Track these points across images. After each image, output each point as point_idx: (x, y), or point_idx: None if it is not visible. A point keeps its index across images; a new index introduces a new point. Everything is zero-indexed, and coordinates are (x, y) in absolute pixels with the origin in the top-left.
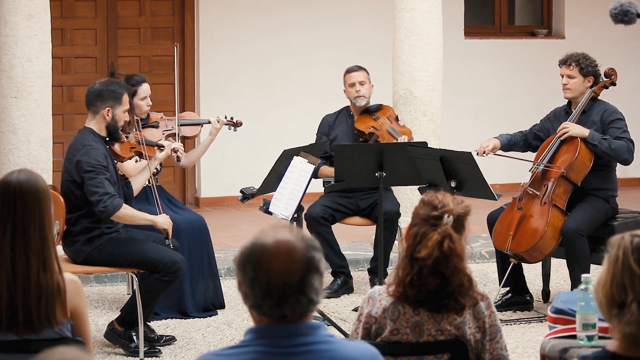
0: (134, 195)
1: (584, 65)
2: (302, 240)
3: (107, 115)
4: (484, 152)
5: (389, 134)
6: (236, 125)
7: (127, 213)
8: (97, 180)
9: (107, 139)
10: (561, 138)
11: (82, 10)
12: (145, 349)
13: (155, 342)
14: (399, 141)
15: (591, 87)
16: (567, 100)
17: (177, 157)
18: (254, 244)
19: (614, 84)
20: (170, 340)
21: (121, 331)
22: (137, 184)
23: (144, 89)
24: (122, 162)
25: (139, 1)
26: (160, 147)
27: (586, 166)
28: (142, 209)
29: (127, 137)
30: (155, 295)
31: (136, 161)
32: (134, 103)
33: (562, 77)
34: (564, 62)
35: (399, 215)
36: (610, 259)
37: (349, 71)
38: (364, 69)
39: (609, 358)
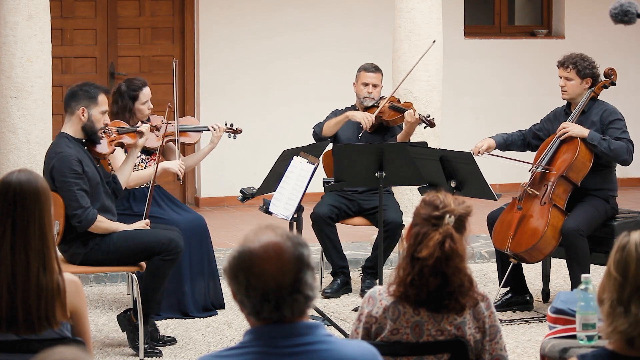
0: (124, 187)
1: (581, 67)
2: (289, 239)
3: (83, 115)
4: (479, 152)
5: (391, 110)
6: (236, 132)
7: (102, 226)
8: (70, 193)
9: (84, 140)
10: (561, 138)
11: (82, 10)
12: (146, 346)
13: (156, 342)
14: (404, 114)
15: (590, 87)
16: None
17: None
18: (242, 251)
19: (613, 84)
20: (171, 341)
21: (136, 323)
22: (124, 176)
23: (145, 93)
24: (105, 159)
25: (139, 1)
26: (140, 133)
27: (586, 166)
28: (135, 206)
29: (105, 131)
30: (162, 277)
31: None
32: (136, 107)
33: (560, 78)
34: (561, 64)
35: (402, 226)
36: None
37: (365, 69)
38: (381, 71)
39: (608, 357)
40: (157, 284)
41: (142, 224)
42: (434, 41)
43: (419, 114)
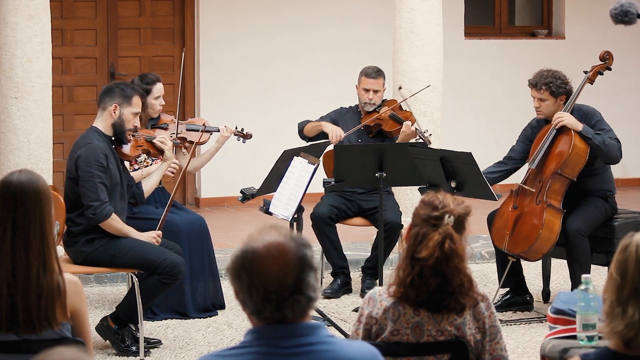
0: (145, 196)
1: (554, 87)
2: (292, 240)
3: (114, 112)
4: None
5: (391, 120)
6: (246, 137)
7: (114, 225)
8: (91, 184)
9: (113, 139)
10: (557, 127)
11: (82, 10)
12: (134, 348)
13: (137, 343)
14: (403, 125)
15: (565, 101)
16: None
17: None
18: (245, 250)
19: (609, 69)
20: (156, 343)
21: (115, 328)
22: (148, 186)
23: (158, 88)
24: (129, 161)
25: (139, 1)
26: (162, 152)
27: (582, 159)
28: (143, 210)
29: (133, 135)
30: (152, 296)
31: (150, 165)
32: (148, 102)
33: (534, 99)
34: (534, 86)
35: (401, 226)
36: None
37: (367, 75)
38: (382, 75)
39: (611, 356)
40: (146, 300)
41: (153, 235)
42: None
43: (416, 128)
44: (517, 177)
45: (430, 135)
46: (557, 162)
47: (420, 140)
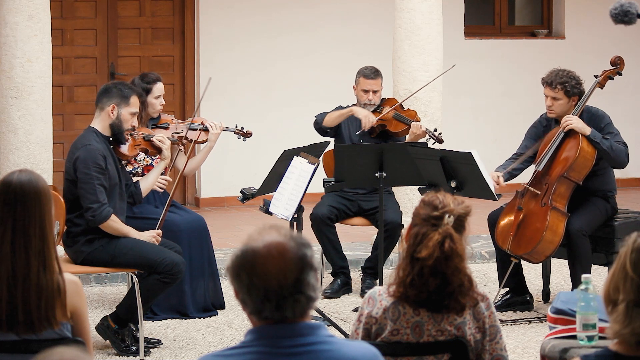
0: (143, 195)
1: (569, 87)
2: (292, 239)
3: (112, 113)
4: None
5: (396, 120)
6: (246, 135)
7: (114, 226)
8: (90, 186)
9: (111, 139)
10: (565, 130)
11: (82, 10)
12: (134, 347)
13: (137, 343)
14: (412, 126)
15: (577, 102)
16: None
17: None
18: (245, 250)
19: (619, 74)
20: (156, 343)
21: (115, 328)
22: (146, 185)
23: (159, 87)
24: (127, 161)
25: (139, 1)
26: (160, 150)
27: (588, 163)
28: (143, 210)
29: (131, 135)
30: (152, 295)
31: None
32: (148, 101)
33: (547, 97)
34: (549, 84)
35: (401, 226)
36: (617, 257)
37: (365, 76)
38: (380, 75)
39: (611, 357)
40: (146, 300)
41: (152, 234)
42: (453, 65)
43: (426, 128)
44: (523, 178)
45: (440, 134)
46: (563, 165)
47: (432, 140)
